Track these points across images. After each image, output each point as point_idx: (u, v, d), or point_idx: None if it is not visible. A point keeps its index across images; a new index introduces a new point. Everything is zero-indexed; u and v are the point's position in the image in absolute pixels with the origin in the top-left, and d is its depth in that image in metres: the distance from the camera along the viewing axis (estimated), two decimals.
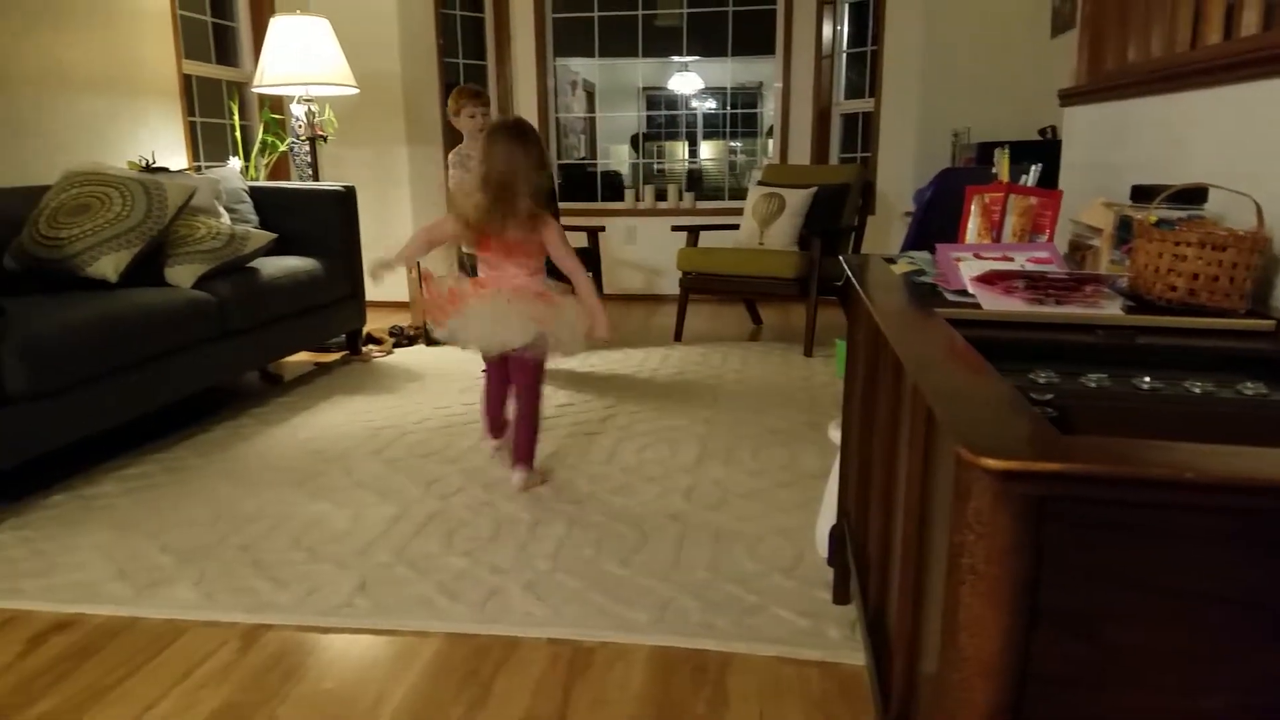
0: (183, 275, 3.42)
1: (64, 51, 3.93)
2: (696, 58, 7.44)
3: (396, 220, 5.91)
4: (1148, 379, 1.19)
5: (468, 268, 3.51)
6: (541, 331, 2.67)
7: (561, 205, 5.69)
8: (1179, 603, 0.72)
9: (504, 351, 2.73)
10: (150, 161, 4.08)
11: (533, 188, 2.65)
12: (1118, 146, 2.33)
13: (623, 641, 1.92)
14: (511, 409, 2.94)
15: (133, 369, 3.00)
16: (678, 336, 5.09)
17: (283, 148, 5.26)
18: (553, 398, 3.84)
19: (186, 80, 4.77)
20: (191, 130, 4.81)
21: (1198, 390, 1.16)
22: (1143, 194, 1.79)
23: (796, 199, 4.98)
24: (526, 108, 6.61)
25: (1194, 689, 0.73)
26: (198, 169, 4.68)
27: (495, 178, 2.63)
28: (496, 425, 3.03)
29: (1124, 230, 1.73)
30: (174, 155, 4.56)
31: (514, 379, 2.84)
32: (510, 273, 2.74)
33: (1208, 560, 0.71)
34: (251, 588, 2.16)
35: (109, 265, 3.20)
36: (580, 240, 5.18)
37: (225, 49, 5.41)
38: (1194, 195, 1.68)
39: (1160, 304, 1.47)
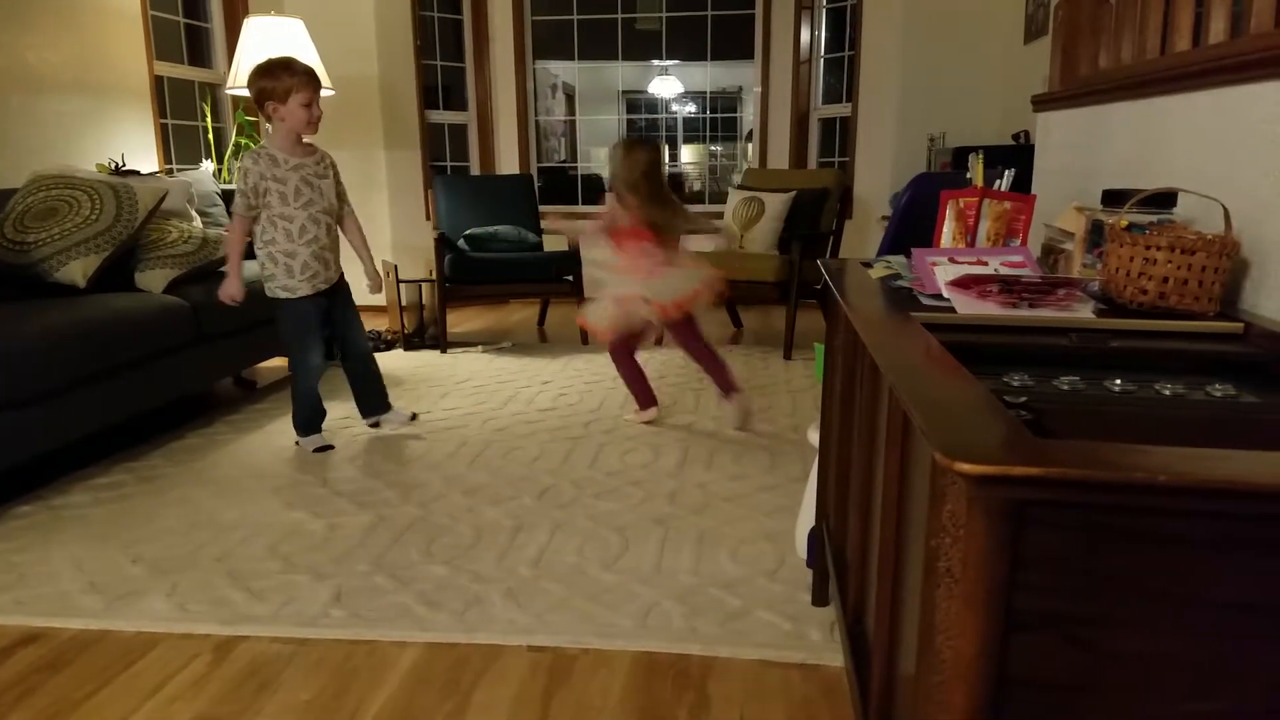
0: (154, 280, 3.38)
1: (31, 52, 3.88)
2: (676, 61, 7.45)
3: (375, 226, 5.86)
4: (1119, 381, 1.20)
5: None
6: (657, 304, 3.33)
7: (542, 208, 5.69)
8: (1158, 606, 0.72)
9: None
10: (120, 164, 4.04)
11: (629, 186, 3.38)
12: (1090, 151, 2.35)
13: (605, 648, 1.92)
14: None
15: (103, 376, 2.96)
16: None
17: None
18: (534, 402, 3.84)
19: (158, 81, 4.73)
20: (163, 132, 4.77)
21: (1168, 392, 1.17)
22: (1114, 198, 1.81)
23: (776, 203, 5.00)
24: (506, 110, 6.59)
25: (1174, 694, 0.73)
26: (169, 171, 4.64)
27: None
28: (647, 394, 3.57)
29: (1096, 234, 1.74)
30: (145, 158, 4.51)
31: (678, 342, 3.56)
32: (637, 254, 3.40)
33: (1185, 563, 0.71)
34: (226, 598, 2.14)
35: (78, 270, 3.16)
36: (560, 244, 5.18)
37: (198, 50, 5.37)
38: (1164, 200, 1.69)
39: (1131, 307, 1.48)
